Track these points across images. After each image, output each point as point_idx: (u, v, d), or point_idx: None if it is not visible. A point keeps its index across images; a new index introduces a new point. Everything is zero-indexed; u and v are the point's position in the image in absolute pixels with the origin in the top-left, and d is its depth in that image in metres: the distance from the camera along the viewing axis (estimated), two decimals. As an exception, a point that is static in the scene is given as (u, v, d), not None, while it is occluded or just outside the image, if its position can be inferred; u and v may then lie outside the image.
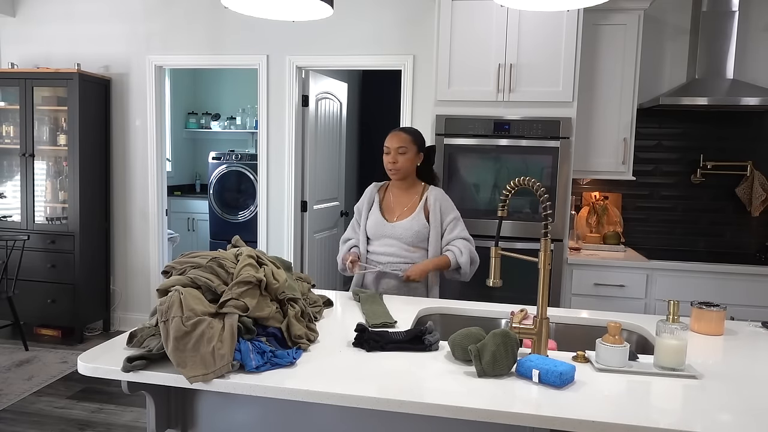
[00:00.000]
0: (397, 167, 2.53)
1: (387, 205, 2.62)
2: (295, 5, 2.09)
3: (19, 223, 4.47)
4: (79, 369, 1.54)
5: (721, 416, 1.33)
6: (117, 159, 4.68)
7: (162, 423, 1.71)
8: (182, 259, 1.76)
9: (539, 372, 1.47)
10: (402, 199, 2.61)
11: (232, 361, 1.48)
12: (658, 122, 3.95)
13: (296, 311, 1.75)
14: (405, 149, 2.52)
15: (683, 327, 1.58)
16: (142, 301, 4.73)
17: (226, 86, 6.93)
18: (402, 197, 2.61)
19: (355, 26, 4.18)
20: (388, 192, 2.66)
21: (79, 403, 3.39)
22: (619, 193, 4.03)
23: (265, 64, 4.34)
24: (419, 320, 2.12)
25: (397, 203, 2.61)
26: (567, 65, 3.32)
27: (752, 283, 3.35)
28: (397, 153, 2.52)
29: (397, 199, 2.62)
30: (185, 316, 1.49)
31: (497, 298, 2.43)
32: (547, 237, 1.68)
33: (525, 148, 3.38)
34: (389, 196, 2.64)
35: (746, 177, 3.83)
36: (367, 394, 1.39)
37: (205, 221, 6.41)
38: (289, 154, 4.37)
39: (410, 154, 2.54)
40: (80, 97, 4.29)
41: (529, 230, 3.40)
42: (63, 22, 4.65)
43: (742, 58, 3.77)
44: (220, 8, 4.32)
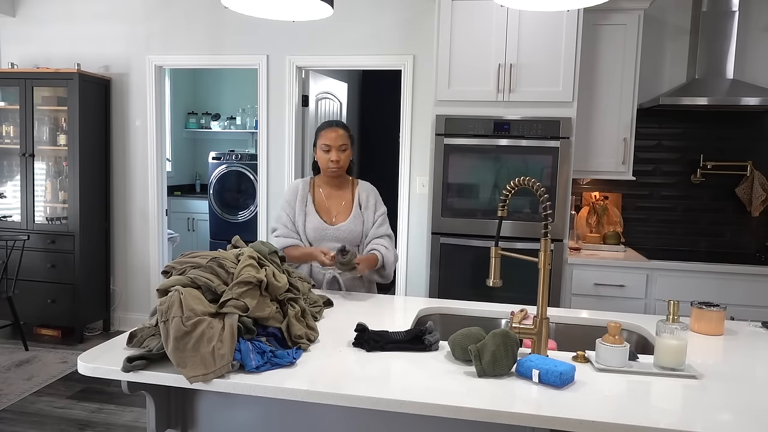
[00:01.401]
0: (340, 165, 2.47)
1: (320, 204, 2.53)
2: (295, 5, 2.09)
3: (19, 223, 4.47)
4: (79, 369, 1.54)
5: (721, 416, 1.33)
6: (117, 159, 4.68)
7: (162, 423, 1.71)
8: (182, 259, 1.76)
9: (539, 372, 1.47)
10: (335, 198, 2.54)
11: (232, 361, 1.48)
12: (658, 122, 3.95)
13: (296, 311, 1.75)
14: (346, 146, 2.48)
15: (683, 327, 1.58)
16: (142, 301, 4.73)
17: (226, 86, 6.93)
18: (334, 195, 2.55)
19: (355, 26, 4.18)
20: (316, 189, 2.57)
21: (79, 403, 3.39)
22: (619, 193, 4.03)
23: (265, 64, 4.34)
24: (419, 320, 2.12)
25: (331, 203, 2.54)
26: (567, 65, 3.32)
27: (752, 283, 3.35)
28: (339, 150, 2.45)
29: (330, 198, 2.54)
30: (185, 316, 1.49)
31: (497, 298, 2.43)
32: (547, 237, 1.68)
33: (525, 148, 3.38)
34: (319, 194, 2.55)
35: (746, 177, 3.83)
36: (367, 394, 1.39)
37: (205, 221, 6.41)
38: (289, 154, 4.37)
39: (349, 150, 2.51)
40: (80, 97, 4.29)
41: (529, 230, 3.40)
42: (63, 22, 4.65)
43: (742, 58, 3.77)
44: (220, 8, 4.32)
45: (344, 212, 2.52)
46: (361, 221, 2.50)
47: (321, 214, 2.51)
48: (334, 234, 2.47)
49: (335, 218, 2.51)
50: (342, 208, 2.53)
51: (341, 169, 2.49)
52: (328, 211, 2.53)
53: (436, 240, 3.49)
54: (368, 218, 2.51)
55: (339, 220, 2.50)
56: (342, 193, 2.56)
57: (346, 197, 2.55)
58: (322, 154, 2.48)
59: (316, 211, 2.51)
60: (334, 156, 2.45)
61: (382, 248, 2.46)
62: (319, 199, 2.55)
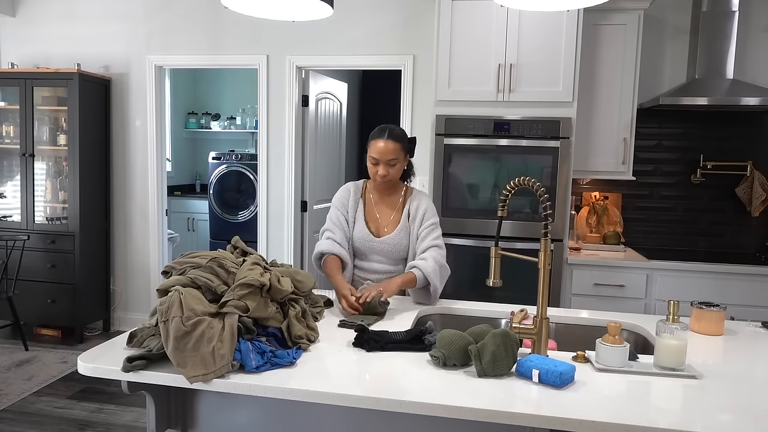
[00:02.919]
0: (388, 179, 2.30)
1: (369, 213, 2.39)
2: (295, 5, 2.09)
3: (19, 223, 4.47)
4: (79, 369, 1.54)
5: (721, 416, 1.33)
6: (117, 159, 4.68)
7: (162, 423, 1.71)
8: (182, 259, 1.76)
9: (539, 372, 1.47)
10: (385, 207, 2.39)
11: (232, 361, 1.48)
12: (658, 122, 3.95)
13: (297, 311, 1.75)
14: (396, 160, 2.28)
15: (683, 327, 1.58)
16: (142, 301, 4.73)
17: (226, 86, 6.93)
18: (384, 204, 2.39)
19: (355, 26, 4.18)
20: (367, 196, 2.42)
21: (79, 403, 3.39)
22: (619, 193, 4.03)
23: (265, 64, 4.34)
24: (419, 320, 2.12)
25: (380, 212, 2.39)
26: (567, 65, 3.32)
27: (752, 283, 3.35)
28: (388, 165, 2.27)
29: (379, 207, 2.39)
30: (185, 316, 1.49)
31: (497, 298, 2.43)
32: (547, 237, 1.68)
33: (525, 148, 3.38)
34: (370, 202, 2.40)
35: (746, 177, 3.83)
36: (367, 394, 1.39)
37: (205, 221, 6.41)
38: (289, 154, 4.37)
39: (400, 163, 2.31)
40: (80, 97, 4.29)
41: (529, 230, 3.40)
42: (63, 22, 4.65)
43: (742, 58, 3.77)
44: (220, 8, 4.32)
45: (392, 223, 2.36)
46: (408, 234, 2.34)
47: (369, 223, 2.36)
48: (378, 247, 2.33)
49: (382, 230, 2.36)
50: (390, 218, 2.37)
51: (390, 182, 2.34)
52: (375, 220, 2.38)
53: (436, 240, 3.49)
54: (414, 230, 2.34)
55: (386, 232, 2.35)
56: (392, 201, 2.40)
57: (395, 206, 2.39)
58: (370, 165, 2.31)
59: (365, 220, 2.37)
60: (382, 171, 2.27)
61: (422, 263, 2.22)
62: (369, 206, 2.40)
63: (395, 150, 2.27)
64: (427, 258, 2.24)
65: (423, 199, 2.39)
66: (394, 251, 2.34)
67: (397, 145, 2.27)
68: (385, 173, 2.28)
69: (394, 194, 2.41)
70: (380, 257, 2.36)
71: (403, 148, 2.31)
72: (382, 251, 2.34)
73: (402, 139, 2.31)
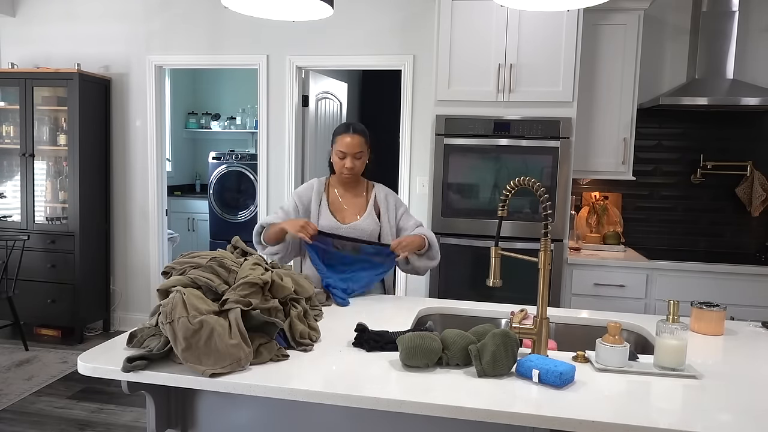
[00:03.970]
0: (354, 171, 2.45)
1: (334, 204, 2.52)
2: (295, 5, 2.09)
3: (19, 223, 4.47)
4: (79, 369, 1.54)
5: (721, 416, 1.33)
6: (117, 159, 4.68)
7: (162, 423, 1.71)
8: (182, 259, 1.76)
9: (539, 372, 1.47)
10: (350, 199, 2.53)
11: (246, 352, 1.49)
12: (658, 122, 3.95)
13: (298, 311, 1.76)
14: (362, 153, 2.44)
15: (683, 327, 1.58)
16: (142, 301, 4.73)
17: (226, 86, 6.93)
18: (349, 197, 2.53)
19: (355, 26, 4.18)
20: (331, 189, 2.55)
21: (79, 403, 3.39)
22: (619, 193, 4.03)
23: (265, 64, 4.34)
24: (419, 320, 2.12)
25: (347, 203, 2.52)
26: (567, 65, 3.32)
27: (752, 283, 3.35)
28: (354, 158, 2.42)
29: (345, 199, 2.53)
30: (191, 315, 1.49)
31: (497, 298, 2.43)
32: (547, 237, 1.68)
33: (525, 148, 3.38)
34: (334, 195, 2.54)
35: (746, 177, 3.83)
36: (367, 394, 1.39)
37: (205, 221, 6.41)
38: (289, 154, 4.37)
39: (365, 156, 2.48)
40: (80, 97, 4.29)
41: (529, 230, 3.40)
42: (63, 22, 4.65)
43: (742, 58, 3.77)
44: (220, 8, 4.32)
45: (360, 211, 2.51)
46: (375, 222, 2.48)
47: (335, 213, 2.50)
48: (347, 233, 2.44)
49: (350, 217, 2.49)
50: (356, 209, 2.51)
51: (356, 175, 2.48)
52: (341, 211, 2.51)
53: (436, 240, 3.49)
54: (391, 219, 2.50)
55: (352, 220, 2.48)
56: (357, 192, 2.55)
57: (360, 198, 2.54)
58: (337, 159, 2.45)
59: (330, 211, 2.49)
60: (349, 163, 2.42)
61: (422, 230, 2.46)
62: (334, 199, 2.53)
63: (360, 143, 2.44)
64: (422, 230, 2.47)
65: (386, 189, 2.57)
66: (361, 236, 2.44)
67: (361, 139, 2.45)
68: (352, 165, 2.43)
69: (357, 186, 2.56)
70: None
71: (367, 142, 2.48)
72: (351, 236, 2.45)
73: (365, 133, 2.49)
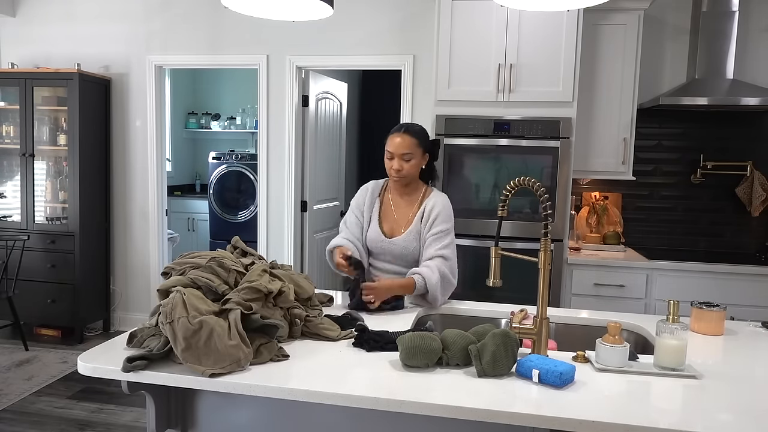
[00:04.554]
0: (402, 174, 2.25)
1: (386, 212, 2.35)
2: (295, 5, 2.09)
3: (19, 223, 4.47)
4: (79, 369, 1.54)
5: (721, 416, 1.33)
6: (117, 159, 4.68)
7: (162, 423, 1.71)
8: (181, 260, 1.76)
9: (539, 372, 1.47)
10: (402, 207, 2.34)
11: (246, 352, 1.49)
12: (658, 122, 3.95)
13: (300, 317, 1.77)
14: (411, 155, 2.24)
15: (683, 327, 1.58)
16: (142, 301, 4.73)
17: (226, 86, 6.93)
18: (402, 204, 2.35)
19: (355, 26, 4.18)
20: (386, 195, 2.38)
21: (79, 403, 3.39)
22: (619, 193, 4.03)
23: (265, 64, 4.34)
24: (419, 320, 2.12)
25: (397, 211, 2.34)
26: (567, 65, 3.32)
27: (752, 283, 3.35)
28: (402, 159, 2.23)
29: (397, 207, 2.35)
30: (191, 315, 1.49)
31: (497, 298, 2.43)
32: (547, 237, 1.68)
33: (525, 148, 3.38)
34: (388, 202, 2.37)
35: (746, 177, 3.83)
36: (367, 394, 1.39)
37: (205, 221, 6.41)
38: (289, 154, 4.37)
39: (416, 159, 2.26)
40: (80, 97, 4.29)
41: (529, 230, 3.40)
42: (63, 22, 4.64)
43: (742, 58, 3.77)
44: (220, 8, 4.32)
45: (407, 224, 2.30)
46: (419, 237, 2.27)
47: (383, 224, 2.33)
48: (387, 248, 2.28)
49: (395, 231, 2.30)
50: (406, 219, 2.31)
51: (405, 178, 2.28)
52: (390, 220, 2.33)
53: (436, 240, 3.49)
54: (423, 233, 2.27)
55: (397, 233, 2.29)
56: (411, 201, 2.34)
57: (413, 207, 2.32)
58: (386, 160, 2.28)
59: (379, 220, 2.33)
60: (396, 164, 2.24)
61: (425, 270, 2.16)
62: (386, 206, 2.36)
63: (410, 144, 2.24)
64: (432, 267, 2.17)
65: (439, 200, 2.30)
66: (404, 253, 2.27)
67: (412, 140, 2.25)
68: (400, 167, 2.24)
69: (413, 194, 2.35)
70: (391, 257, 2.30)
71: (420, 144, 2.27)
72: (392, 252, 2.29)
73: (418, 135, 2.28)
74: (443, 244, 2.24)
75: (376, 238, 2.31)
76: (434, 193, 2.35)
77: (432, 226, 2.25)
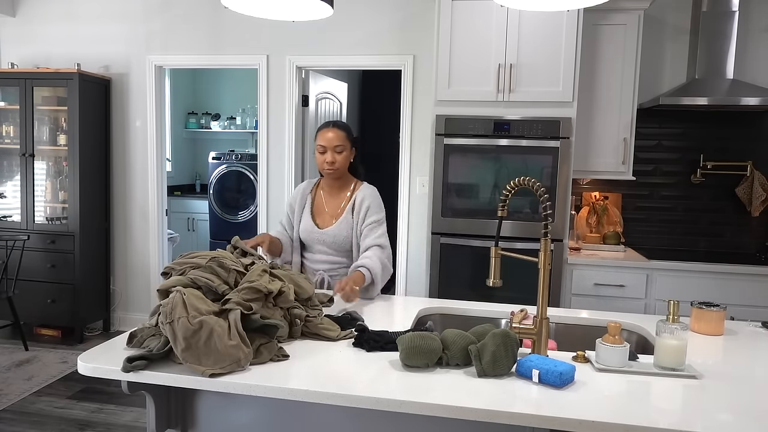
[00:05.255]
0: (336, 167, 2.41)
1: (318, 206, 2.52)
2: (295, 5, 2.09)
3: (19, 223, 4.47)
4: (79, 369, 1.54)
5: (721, 416, 1.33)
6: (117, 159, 4.68)
7: (162, 423, 1.71)
8: (181, 260, 1.76)
9: (539, 372, 1.47)
10: (333, 201, 2.51)
11: (246, 352, 1.50)
12: (658, 122, 3.95)
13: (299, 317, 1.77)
14: (342, 147, 2.41)
15: (683, 327, 1.58)
16: (142, 301, 4.73)
17: (226, 86, 6.93)
18: (333, 198, 2.52)
19: (355, 26, 4.18)
20: (318, 191, 2.55)
21: (79, 403, 3.39)
22: (619, 193, 4.03)
23: (265, 64, 4.34)
24: (419, 320, 2.12)
25: (329, 205, 2.51)
26: (567, 65, 3.32)
27: (752, 283, 3.35)
28: (334, 152, 2.40)
29: (328, 201, 2.52)
30: (191, 315, 1.49)
31: (497, 298, 2.43)
32: (547, 237, 1.68)
33: (525, 148, 3.38)
34: (320, 197, 2.54)
35: (746, 177, 3.83)
36: (367, 394, 1.39)
37: (205, 221, 6.41)
38: (289, 154, 4.37)
39: (347, 151, 2.44)
40: (80, 97, 4.29)
41: (529, 230, 3.40)
42: (63, 22, 4.65)
43: (742, 58, 3.77)
44: (220, 8, 4.32)
45: (337, 215, 2.48)
46: (350, 226, 2.44)
47: (315, 217, 2.50)
48: (320, 238, 2.45)
49: (327, 222, 2.47)
50: (335, 211, 2.49)
51: (337, 171, 2.44)
52: (322, 213, 2.50)
53: (436, 240, 3.49)
54: (357, 226, 2.43)
55: (329, 224, 2.46)
56: (342, 194, 2.51)
57: (341, 200, 2.50)
58: (318, 155, 2.45)
59: (311, 213, 2.50)
60: (329, 157, 2.41)
61: (367, 261, 2.31)
62: (318, 201, 2.53)
63: (340, 137, 2.43)
64: (372, 258, 2.33)
65: (368, 192, 2.49)
66: (335, 242, 2.44)
67: (342, 133, 2.44)
68: (333, 159, 2.41)
69: (343, 188, 2.53)
70: (323, 247, 2.47)
71: (348, 138, 2.46)
72: (325, 242, 2.46)
73: (346, 129, 2.49)
74: (377, 234, 2.42)
75: (308, 229, 2.48)
76: (363, 185, 2.53)
77: (365, 218, 2.43)
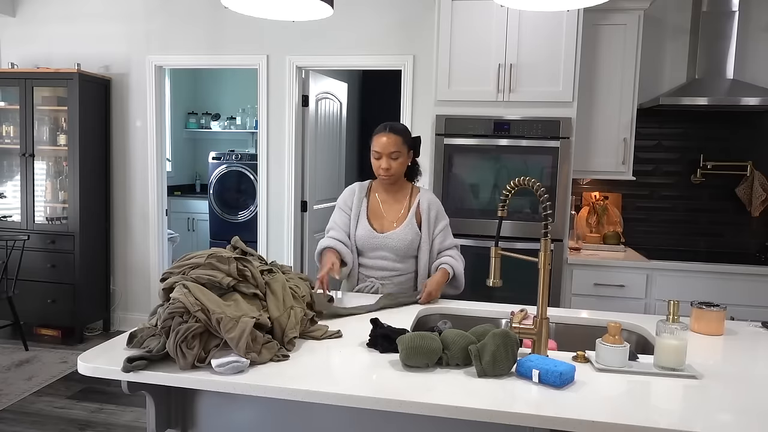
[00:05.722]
0: (391, 173, 2.32)
1: (374, 211, 2.41)
2: (295, 5, 2.09)
3: (19, 223, 4.47)
4: (79, 369, 1.54)
5: (721, 416, 1.33)
6: (117, 159, 4.68)
7: (162, 423, 1.71)
8: (180, 262, 1.74)
9: (539, 372, 1.47)
10: (391, 205, 2.41)
11: None
12: (658, 122, 3.95)
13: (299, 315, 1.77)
14: (398, 153, 2.31)
15: (683, 327, 1.58)
16: (142, 301, 4.73)
17: (226, 86, 6.93)
18: (391, 202, 2.42)
19: (355, 26, 4.18)
20: (373, 194, 2.45)
21: (79, 403, 3.39)
22: (619, 193, 4.03)
23: (265, 64, 4.34)
24: (419, 320, 2.12)
25: (387, 209, 2.41)
26: (567, 65, 3.32)
27: (752, 283, 3.35)
28: (389, 158, 2.30)
29: (386, 205, 2.42)
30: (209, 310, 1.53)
31: (497, 298, 2.43)
32: (547, 237, 1.68)
33: (525, 148, 3.38)
34: (375, 200, 2.43)
35: (746, 177, 3.83)
36: (367, 394, 1.39)
37: (205, 221, 6.41)
38: (289, 154, 4.37)
39: (403, 157, 2.34)
40: (80, 97, 4.29)
41: (529, 230, 3.40)
42: (63, 22, 4.64)
43: (742, 58, 3.77)
44: (220, 8, 4.32)
45: (399, 220, 2.38)
46: (415, 231, 2.35)
47: (372, 221, 2.39)
48: (382, 242, 2.34)
49: (387, 226, 2.37)
50: (397, 216, 2.39)
51: (393, 176, 2.35)
52: (380, 218, 2.40)
53: (436, 240, 3.49)
54: (427, 230, 2.37)
55: (392, 228, 2.36)
56: (399, 198, 2.42)
57: (403, 204, 2.40)
58: (374, 160, 2.34)
59: (368, 218, 2.39)
60: (385, 163, 2.31)
61: (450, 260, 2.35)
62: (374, 205, 2.42)
63: (396, 143, 2.31)
64: (454, 256, 2.38)
65: (432, 198, 2.43)
66: (401, 246, 2.34)
67: (398, 138, 2.32)
68: (388, 166, 2.31)
69: (400, 192, 2.43)
70: (385, 253, 2.36)
71: (405, 142, 2.35)
72: (387, 246, 2.35)
73: (403, 133, 2.36)
74: (450, 238, 2.45)
75: (367, 235, 2.37)
76: (423, 191, 2.45)
77: (436, 224, 2.40)
